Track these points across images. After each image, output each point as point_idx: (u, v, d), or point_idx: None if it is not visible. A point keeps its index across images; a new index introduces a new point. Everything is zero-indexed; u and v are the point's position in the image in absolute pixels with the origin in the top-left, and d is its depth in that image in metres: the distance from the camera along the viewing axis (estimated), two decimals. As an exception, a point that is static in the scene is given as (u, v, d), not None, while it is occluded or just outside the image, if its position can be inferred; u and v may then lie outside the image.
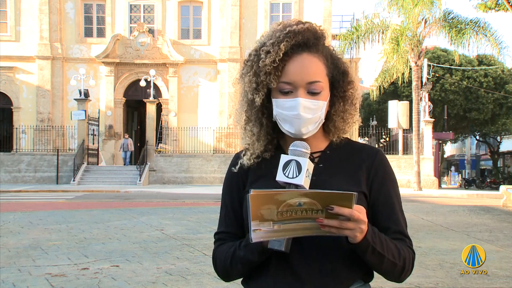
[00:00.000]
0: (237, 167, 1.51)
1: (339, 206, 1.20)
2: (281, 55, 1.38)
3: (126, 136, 28.19)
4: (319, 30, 1.45)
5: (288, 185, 1.29)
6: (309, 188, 1.29)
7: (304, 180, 1.28)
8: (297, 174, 1.28)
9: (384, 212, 1.43)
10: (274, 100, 1.42)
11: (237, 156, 1.55)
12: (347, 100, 1.47)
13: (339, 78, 1.46)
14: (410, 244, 1.43)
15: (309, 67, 1.39)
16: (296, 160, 1.29)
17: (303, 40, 1.41)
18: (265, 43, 1.42)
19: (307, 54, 1.40)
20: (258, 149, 1.48)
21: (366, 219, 1.25)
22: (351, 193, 1.20)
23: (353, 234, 1.24)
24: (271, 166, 1.41)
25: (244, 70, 1.47)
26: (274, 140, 1.50)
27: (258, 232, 1.21)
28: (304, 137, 1.41)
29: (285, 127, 1.41)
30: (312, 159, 1.41)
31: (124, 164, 27.37)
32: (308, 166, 1.29)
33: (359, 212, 1.23)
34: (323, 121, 1.44)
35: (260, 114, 1.47)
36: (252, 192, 1.19)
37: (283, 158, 1.31)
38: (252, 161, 1.48)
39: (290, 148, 1.33)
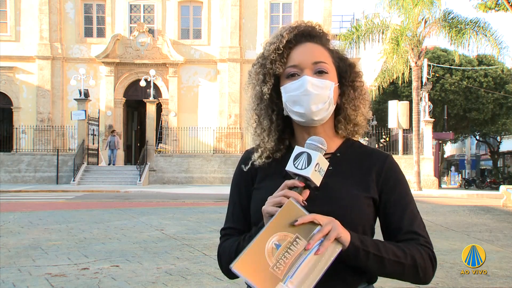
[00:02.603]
0: (248, 167, 1.51)
1: (299, 218, 1.21)
2: (284, 42, 1.42)
3: (114, 133, 27.28)
4: (323, 29, 1.49)
5: (297, 176, 1.29)
6: (319, 187, 1.29)
7: (312, 173, 1.27)
8: (306, 166, 1.28)
9: (396, 213, 1.41)
10: (282, 88, 1.43)
11: (248, 154, 1.54)
12: (356, 89, 1.48)
13: (346, 69, 1.48)
14: (425, 242, 1.38)
15: (313, 50, 1.43)
16: (307, 153, 1.29)
17: (306, 31, 1.45)
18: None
19: (310, 43, 1.44)
20: (269, 145, 1.48)
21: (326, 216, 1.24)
22: (288, 201, 1.22)
23: (337, 233, 1.22)
24: (280, 165, 1.41)
25: (252, 69, 1.50)
26: (286, 141, 1.50)
27: None
28: (316, 118, 1.40)
29: (295, 109, 1.41)
30: None
31: (108, 164, 26.96)
32: (319, 160, 1.28)
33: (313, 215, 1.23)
34: (334, 106, 1.44)
35: (270, 111, 1.48)
36: (233, 266, 1.17)
37: (296, 149, 1.31)
38: (263, 159, 1.48)
39: (307, 141, 1.34)
